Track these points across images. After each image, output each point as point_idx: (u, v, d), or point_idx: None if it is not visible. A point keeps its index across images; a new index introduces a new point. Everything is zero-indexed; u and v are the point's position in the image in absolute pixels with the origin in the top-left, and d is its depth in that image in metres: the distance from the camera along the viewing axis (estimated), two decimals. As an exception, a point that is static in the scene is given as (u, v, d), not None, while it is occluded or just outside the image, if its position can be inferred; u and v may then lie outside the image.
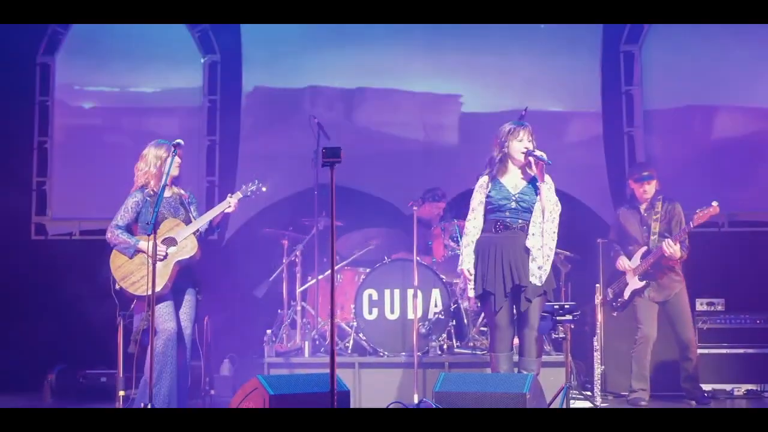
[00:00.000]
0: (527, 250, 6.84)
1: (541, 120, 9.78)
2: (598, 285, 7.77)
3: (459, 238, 8.98)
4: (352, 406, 6.90)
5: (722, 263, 8.75)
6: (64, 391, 9.11)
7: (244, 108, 10.59)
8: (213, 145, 10.53)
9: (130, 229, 7.12)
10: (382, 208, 10.30)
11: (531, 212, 6.92)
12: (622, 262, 8.56)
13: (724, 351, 9.14)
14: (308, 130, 9.15)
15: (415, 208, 8.48)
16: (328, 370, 5.58)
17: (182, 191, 7.29)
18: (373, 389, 8.46)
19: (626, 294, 8.57)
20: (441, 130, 10.65)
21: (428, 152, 10.50)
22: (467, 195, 9.79)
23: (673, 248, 8.25)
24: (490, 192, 7.01)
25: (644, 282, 8.47)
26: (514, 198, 6.96)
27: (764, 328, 9.20)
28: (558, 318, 6.63)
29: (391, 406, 6.55)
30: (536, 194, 6.96)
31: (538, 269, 6.78)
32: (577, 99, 10.61)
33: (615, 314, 8.69)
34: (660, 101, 10.49)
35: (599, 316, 7.64)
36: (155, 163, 7.10)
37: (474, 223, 7.01)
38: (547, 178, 6.92)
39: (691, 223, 8.21)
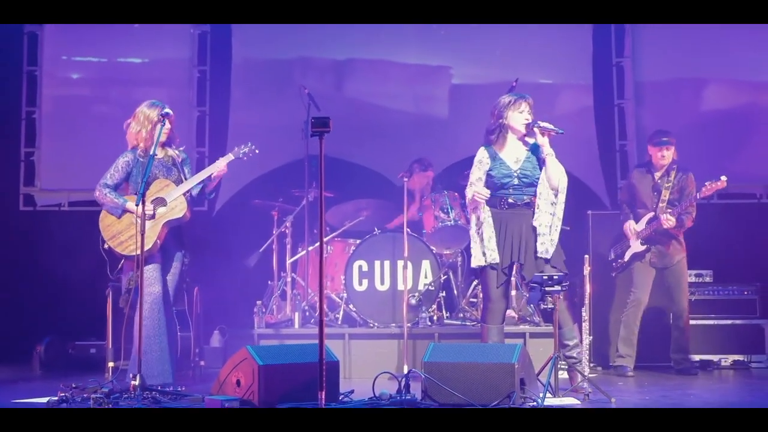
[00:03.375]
0: (533, 228, 6.96)
1: (532, 92, 9.66)
2: (587, 256, 7.79)
3: (449, 210, 9.01)
4: (341, 377, 6.91)
5: (711, 235, 8.78)
6: (53, 363, 9.10)
7: (234, 79, 10.54)
8: (203, 116, 10.48)
9: (118, 188, 7.15)
10: (372, 179, 10.29)
11: (534, 186, 7.01)
12: (629, 225, 8.64)
13: (711, 322, 9.20)
14: (299, 101, 9.12)
15: (405, 179, 8.49)
16: (317, 341, 5.60)
17: (176, 152, 7.29)
18: (363, 360, 8.49)
19: (627, 256, 8.65)
20: (431, 102, 10.63)
21: (418, 124, 10.48)
22: (457, 166, 9.89)
23: (670, 221, 8.37)
24: (491, 170, 7.06)
25: (645, 246, 8.55)
26: (516, 174, 7.04)
27: (752, 299, 9.25)
28: (547, 289, 6.65)
29: (380, 376, 6.55)
30: (538, 167, 7.02)
31: (547, 244, 6.92)
32: (567, 71, 10.59)
33: (614, 275, 8.77)
34: (651, 73, 10.48)
35: (588, 287, 7.67)
36: (145, 124, 7.11)
37: (468, 194, 7.06)
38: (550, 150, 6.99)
39: (698, 194, 8.33)
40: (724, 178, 8.20)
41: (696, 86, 10.44)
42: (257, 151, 7.32)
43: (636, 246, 8.63)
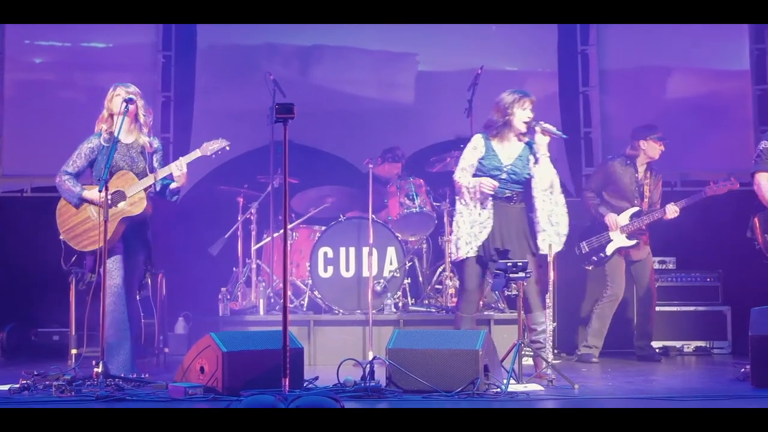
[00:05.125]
0: (515, 220, 7.11)
1: (497, 79, 9.79)
2: (550, 243, 7.81)
3: (415, 197, 9.02)
4: (306, 364, 6.91)
5: (674, 222, 8.82)
6: (16, 350, 9.04)
7: (199, 64, 10.47)
8: (168, 101, 10.40)
9: (81, 175, 6.98)
10: (337, 165, 10.27)
11: (520, 184, 7.14)
12: (613, 219, 8.60)
13: (675, 308, 9.28)
14: (264, 87, 9.10)
15: (370, 166, 8.49)
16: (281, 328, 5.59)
17: (148, 139, 7.04)
18: (328, 347, 8.50)
19: (609, 251, 8.63)
20: (396, 89, 10.62)
21: (384, 110, 10.47)
22: (423, 153, 9.90)
23: (677, 213, 8.48)
24: (483, 159, 7.15)
25: (634, 241, 8.57)
26: (505, 169, 7.14)
27: (714, 286, 9.35)
28: (511, 275, 6.68)
29: (344, 363, 6.56)
30: (527, 165, 7.11)
31: (549, 239, 7.05)
32: (532, 58, 10.62)
33: (590, 268, 8.77)
34: (615, 61, 10.52)
35: (552, 274, 7.70)
36: (108, 107, 6.95)
37: (465, 181, 7.14)
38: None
39: (706, 190, 8.44)
40: (733, 179, 8.40)
41: (660, 74, 10.50)
42: (228, 148, 7.08)
43: (621, 240, 8.60)
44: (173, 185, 7.00)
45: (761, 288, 7.81)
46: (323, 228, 8.98)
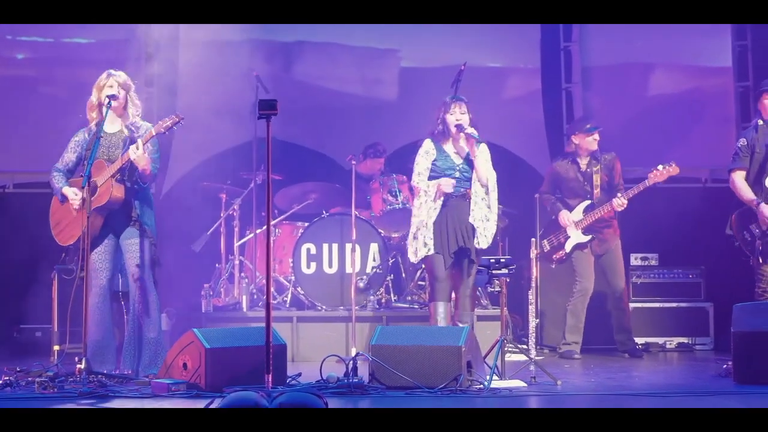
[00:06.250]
0: (466, 217, 7.33)
1: (480, 75, 9.81)
2: (533, 239, 7.85)
3: (398, 193, 9.03)
4: (289, 360, 6.91)
5: (656, 219, 8.87)
6: (-2, 346, 9.01)
7: (182, 60, 10.44)
8: (150, 97, 10.35)
9: (73, 171, 6.89)
10: (320, 162, 10.27)
11: (470, 181, 7.40)
12: (565, 216, 8.63)
13: (657, 305, 9.30)
14: (247, 83, 9.08)
15: (353, 162, 8.50)
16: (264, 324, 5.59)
17: (134, 127, 6.88)
18: (311, 343, 8.49)
19: (568, 247, 8.67)
20: (380, 85, 10.63)
21: (367, 107, 10.47)
22: (406, 150, 9.87)
23: (623, 206, 8.43)
24: (436, 160, 7.44)
25: (590, 236, 8.59)
26: (458, 168, 7.42)
27: (696, 283, 9.38)
28: (494, 272, 6.70)
29: (328, 359, 6.56)
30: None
31: (480, 237, 7.30)
32: (515, 55, 10.64)
33: (554, 266, 8.80)
34: (598, 58, 10.54)
35: (534, 270, 7.72)
36: (97, 95, 6.85)
37: (424, 185, 7.40)
38: (483, 147, 7.36)
39: (646, 181, 8.38)
40: (673, 164, 8.29)
41: (643, 71, 10.52)
42: (182, 122, 6.82)
43: (577, 236, 8.64)
44: (139, 169, 6.77)
45: (743, 284, 7.86)
46: (306, 224, 8.97)
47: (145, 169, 6.73)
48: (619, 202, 8.42)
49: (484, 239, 7.31)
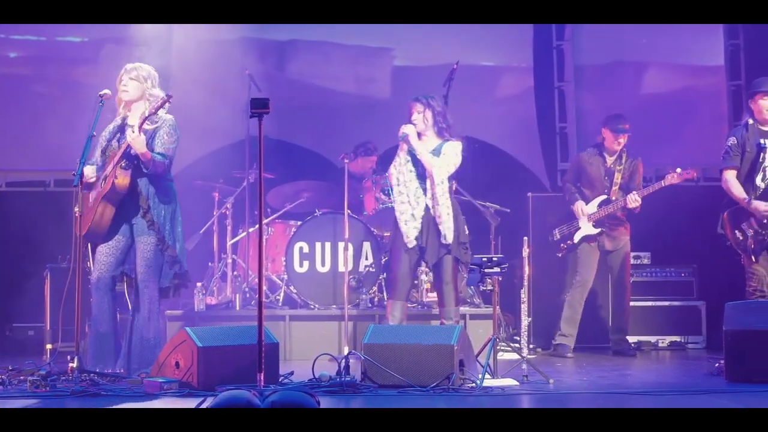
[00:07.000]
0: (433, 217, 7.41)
1: (473, 74, 9.81)
2: (526, 238, 7.84)
3: (390, 192, 9.01)
4: (281, 359, 6.91)
5: (649, 217, 8.87)
6: (-10, 344, 9.01)
7: (175, 58, 10.42)
8: (143, 95, 10.33)
9: (99, 166, 6.87)
10: (313, 160, 10.27)
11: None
12: (580, 207, 8.66)
13: (649, 303, 9.32)
14: (240, 82, 9.07)
15: (346, 161, 8.49)
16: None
17: (138, 114, 6.86)
18: (303, 342, 8.49)
19: (576, 238, 8.69)
20: (373, 84, 10.62)
21: (360, 105, 10.46)
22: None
23: (637, 202, 8.45)
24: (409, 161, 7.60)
25: (599, 229, 8.62)
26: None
27: (689, 281, 9.41)
28: (486, 270, 6.70)
29: (320, 358, 6.56)
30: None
31: (445, 230, 7.33)
32: (508, 53, 10.64)
33: (559, 255, 8.83)
34: (590, 57, 10.56)
35: (527, 269, 7.72)
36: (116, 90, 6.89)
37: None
38: (449, 144, 7.48)
39: (662, 182, 8.44)
40: (691, 169, 8.44)
41: (635, 70, 10.54)
42: (170, 101, 6.86)
43: (588, 228, 8.67)
44: (139, 154, 6.76)
45: (736, 283, 7.87)
46: (299, 223, 8.97)
47: (144, 154, 6.71)
48: (633, 197, 8.46)
49: (448, 231, 7.31)
